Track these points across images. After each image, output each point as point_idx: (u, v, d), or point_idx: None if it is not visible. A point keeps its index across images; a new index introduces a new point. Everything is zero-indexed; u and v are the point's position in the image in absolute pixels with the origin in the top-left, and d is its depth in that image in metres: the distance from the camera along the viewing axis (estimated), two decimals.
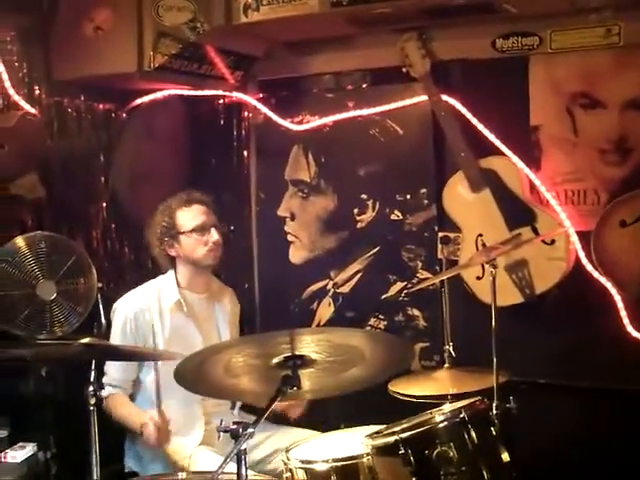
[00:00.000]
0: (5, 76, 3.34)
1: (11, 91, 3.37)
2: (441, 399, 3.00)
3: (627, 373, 3.33)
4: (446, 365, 3.25)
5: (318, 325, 3.92)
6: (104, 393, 3.04)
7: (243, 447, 2.16)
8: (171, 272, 3.34)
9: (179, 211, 3.29)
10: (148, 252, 3.90)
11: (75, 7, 3.53)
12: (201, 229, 3.26)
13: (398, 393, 3.08)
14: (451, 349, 3.25)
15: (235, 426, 2.18)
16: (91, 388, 2.51)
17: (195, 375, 2.38)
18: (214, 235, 3.27)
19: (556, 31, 3.42)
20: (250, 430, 2.16)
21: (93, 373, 2.54)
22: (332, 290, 3.93)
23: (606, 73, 3.37)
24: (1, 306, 3.06)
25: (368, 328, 3.81)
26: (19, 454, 2.98)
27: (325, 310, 3.95)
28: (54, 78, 3.59)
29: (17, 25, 3.44)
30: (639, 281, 3.26)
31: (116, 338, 3.23)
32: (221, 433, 2.22)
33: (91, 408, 2.50)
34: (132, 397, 3.27)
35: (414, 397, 3.05)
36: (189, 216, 3.28)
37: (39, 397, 3.23)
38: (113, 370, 3.19)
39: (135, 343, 3.18)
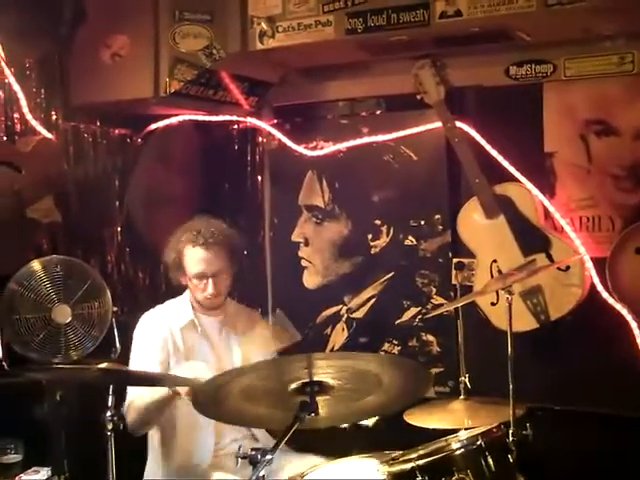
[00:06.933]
0: (23, 102, 3.39)
1: (29, 116, 3.41)
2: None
3: None
4: (462, 397, 3.22)
5: (332, 350, 3.91)
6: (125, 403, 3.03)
7: (262, 474, 2.15)
8: (187, 293, 3.33)
9: (185, 249, 3.21)
10: (162, 276, 3.93)
11: (93, 34, 3.57)
12: (199, 277, 3.19)
13: (413, 425, 3.05)
14: (467, 380, 3.23)
15: (254, 452, 2.17)
16: (109, 413, 2.50)
17: (212, 400, 2.38)
18: (209, 288, 3.17)
19: (570, 59, 3.44)
20: (269, 457, 2.15)
21: (110, 398, 2.54)
22: (346, 315, 3.93)
23: (620, 100, 3.38)
24: (17, 329, 3.08)
25: (382, 353, 3.80)
26: (33, 478, 2.98)
27: (339, 335, 3.94)
28: (71, 103, 3.63)
29: (35, 52, 3.49)
30: None
31: (144, 357, 3.18)
32: (239, 459, 2.21)
33: (108, 433, 2.49)
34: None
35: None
36: (191, 260, 3.19)
37: (54, 421, 3.22)
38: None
39: (154, 364, 3.15)
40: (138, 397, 3.04)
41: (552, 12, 2.99)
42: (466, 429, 2.92)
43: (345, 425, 2.95)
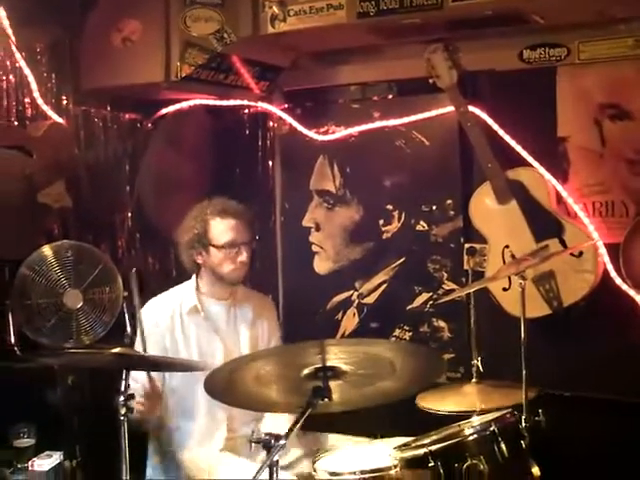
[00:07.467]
0: (34, 86, 3.38)
1: (40, 101, 3.40)
2: (469, 415, 2.97)
3: None
4: (474, 380, 3.22)
5: (343, 336, 3.91)
6: None
7: (275, 458, 2.15)
8: (193, 278, 3.33)
9: (212, 221, 3.23)
10: (173, 261, 3.93)
11: (103, 18, 3.55)
12: (231, 246, 3.21)
13: (426, 408, 3.05)
14: (479, 363, 3.23)
15: (267, 437, 2.17)
16: (122, 398, 2.50)
17: (225, 385, 2.38)
18: (243, 254, 3.22)
19: (584, 42, 3.40)
20: (282, 442, 2.15)
21: (123, 383, 2.54)
22: (357, 301, 3.92)
23: (634, 84, 3.35)
24: (28, 315, 3.09)
25: (393, 339, 3.80)
26: (46, 463, 2.98)
27: (350, 321, 3.94)
28: (82, 88, 3.61)
29: (46, 36, 3.47)
30: None
31: (140, 346, 3.21)
32: (253, 444, 2.21)
33: (122, 418, 2.49)
34: None
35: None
36: (221, 229, 3.22)
37: (66, 406, 3.24)
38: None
39: (158, 350, 3.16)
40: None
41: None
42: (478, 412, 2.92)
43: None
